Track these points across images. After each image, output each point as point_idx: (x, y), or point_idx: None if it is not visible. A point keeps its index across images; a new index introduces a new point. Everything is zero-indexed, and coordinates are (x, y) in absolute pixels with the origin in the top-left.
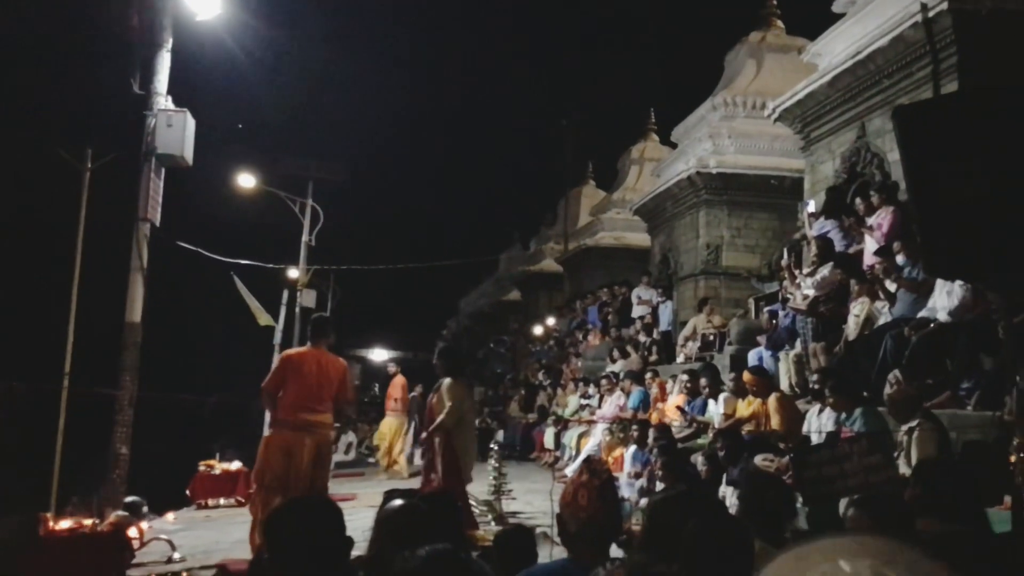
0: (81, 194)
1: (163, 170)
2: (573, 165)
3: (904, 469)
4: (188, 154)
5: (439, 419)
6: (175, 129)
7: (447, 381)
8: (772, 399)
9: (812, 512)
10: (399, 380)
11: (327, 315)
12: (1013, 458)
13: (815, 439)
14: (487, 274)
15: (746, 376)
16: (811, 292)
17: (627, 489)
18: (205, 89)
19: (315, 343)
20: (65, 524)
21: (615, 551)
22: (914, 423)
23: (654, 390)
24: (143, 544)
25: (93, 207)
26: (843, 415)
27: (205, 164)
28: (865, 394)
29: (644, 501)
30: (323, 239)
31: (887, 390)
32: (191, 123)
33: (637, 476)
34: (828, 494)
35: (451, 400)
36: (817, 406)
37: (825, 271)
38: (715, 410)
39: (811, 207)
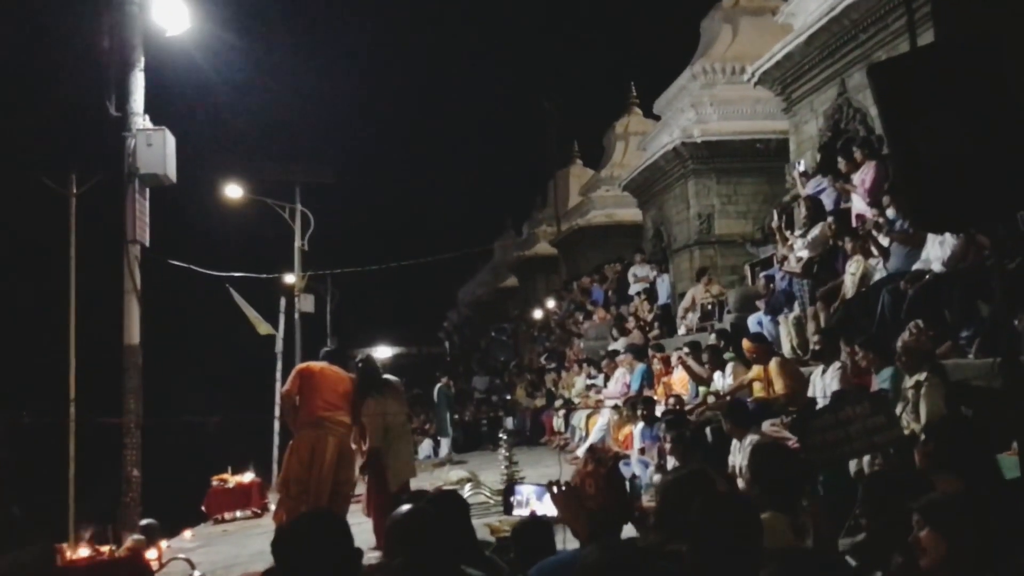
0: (69, 220)
1: (147, 190)
2: (559, 146)
3: (913, 424)
4: (171, 172)
5: (367, 446)
6: (155, 148)
7: (368, 399)
8: (773, 363)
9: (826, 477)
10: None
11: (335, 348)
12: None
13: (821, 400)
14: (483, 263)
15: (745, 344)
16: (804, 253)
17: (638, 467)
18: (182, 104)
19: (328, 361)
20: (83, 553)
21: (629, 529)
22: (922, 376)
23: (657, 365)
24: (162, 565)
25: (82, 232)
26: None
27: (190, 180)
28: None
29: (656, 477)
30: (316, 242)
31: (905, 336)
32: (171, 140)
33: (643, 452)
34: (834, 459)
35: (369, 423)
36: (820, 367)
37: (816, 230)
38: (722, 381)
39: (801, 166)
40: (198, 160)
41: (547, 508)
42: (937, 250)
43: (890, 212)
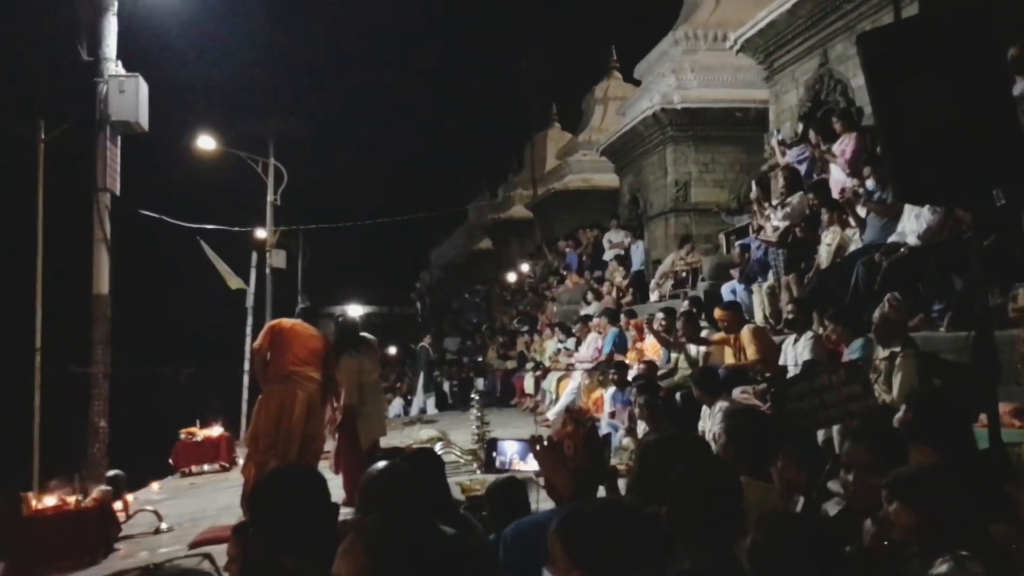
0: (37, 166)
1: (119, 138)
2: (537, 108)
3: (884, 395)
4: (143, 120)
5: (342, 402)
6: (128, 95)
7: (344, 356)
8: (745, 330)
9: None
10: None
11: (309, 306)
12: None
13: (792, 370)
14: (457, 224)
15: (717, 312)
16: (781, 223)
17: (608, 430)
18: (156, 52)
19: (302, 319)
20: (49, 502)
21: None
22: (896, 348)
23: (631, 332)
24: (129, 517)
25: (51, 179)
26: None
27: (162, 129)
28: None
29: (626, 441)
30: (289, 198)
31: (883, 309)
32: (144, 88)
33: (613, 416)
34: (807, 426)
35: (345, 380)
36: (792, 336)
37: (794, 200)
38: (696, 349)
39: (780, 135)
40: (171, 109)
41: (529, 467)
42: (913, 223)
43: (870, 183)
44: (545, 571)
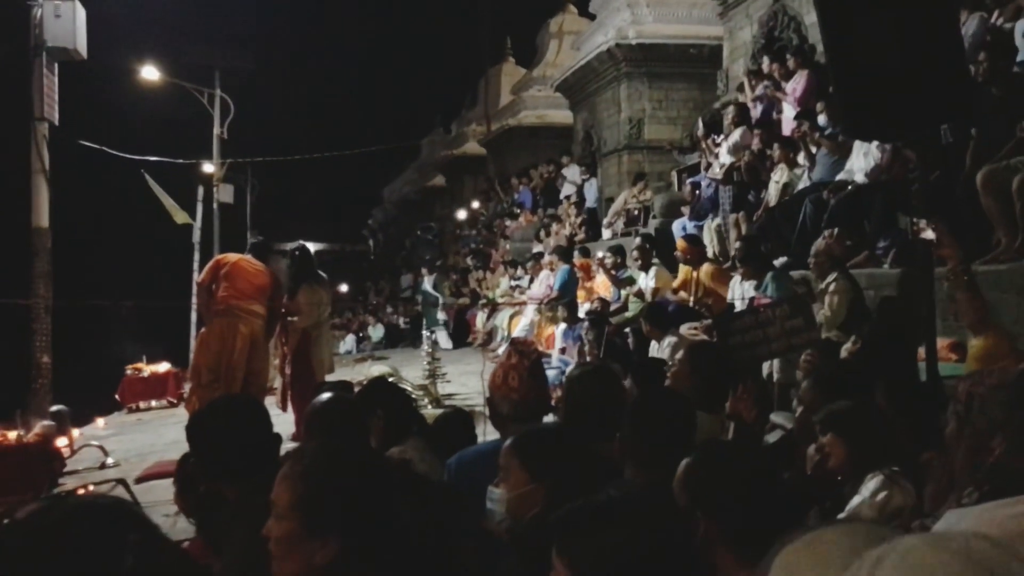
0: None
1: (56, 65)
2: (491, 42)
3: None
4: (81, 46)
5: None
6: (64, 20)
7: (304, 287)
8: (706, 268)
9: None
10: None
11: (261, 241)
12: (946, 282)
13: (739, 305)
14: (410, 160)
15: (680, 244)
16: (727, 160)
17: (559, 364)
18: None
19: (252, 254)
20: None
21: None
22: (831, 278)
23: (579, 273)
24: (74, 452)
25: None
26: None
27: (102, 57)
28: (782, 259)
29: None
30: (237, 131)
31: (818, 242)
32: (81, 13)
33: (564, 352)
34: (752, 359)
35: (307, 311)
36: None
37: (736, 136)
38: (646, 283)
39: (744, 67)
40: (111, 36)
41: None
42: (861, 161)
43: (822, 119)
44: (490, 490)
